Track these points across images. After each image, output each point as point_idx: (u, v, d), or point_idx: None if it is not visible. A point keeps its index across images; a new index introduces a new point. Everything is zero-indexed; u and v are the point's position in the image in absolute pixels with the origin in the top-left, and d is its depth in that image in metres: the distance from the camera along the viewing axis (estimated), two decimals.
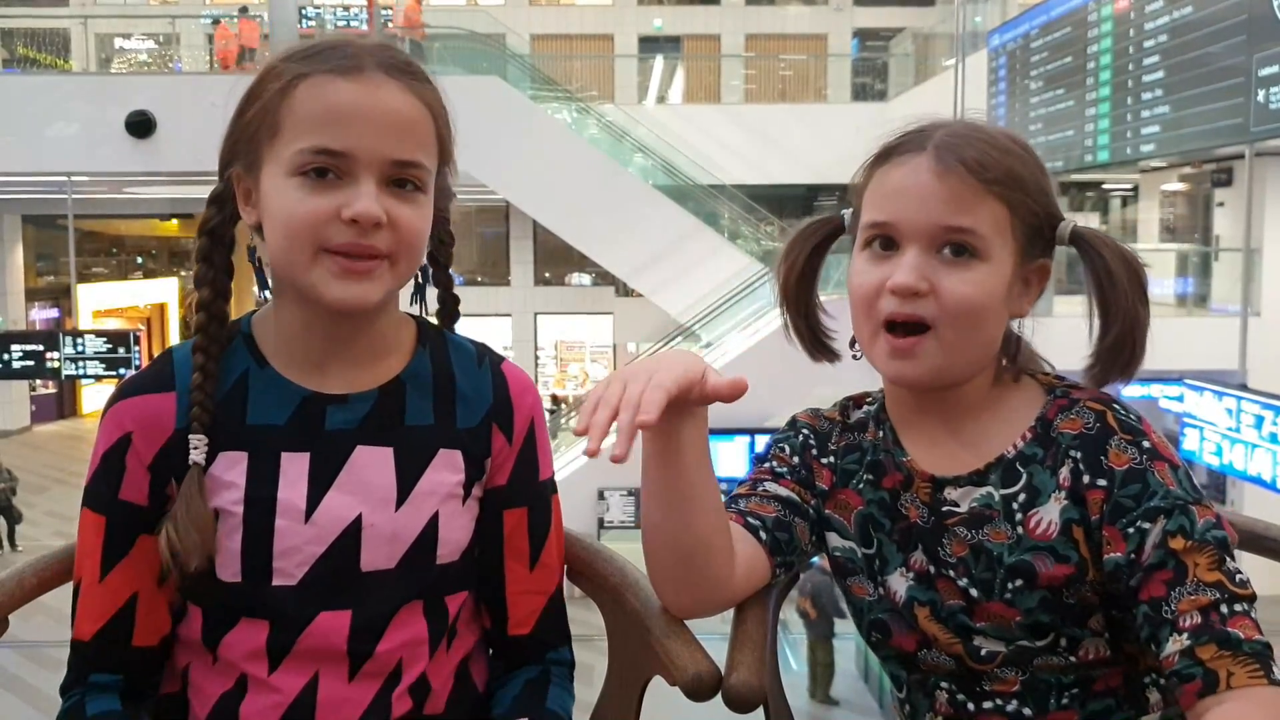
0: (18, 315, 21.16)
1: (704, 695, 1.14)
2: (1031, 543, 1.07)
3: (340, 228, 1.03)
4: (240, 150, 1.08)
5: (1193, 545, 1.00)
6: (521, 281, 21.21)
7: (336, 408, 1.11)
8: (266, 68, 1.07)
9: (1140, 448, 1.05)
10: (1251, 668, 0.95)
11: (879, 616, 1.16)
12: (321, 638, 1.08)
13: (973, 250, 1.06)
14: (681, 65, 22.41)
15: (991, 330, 1.10)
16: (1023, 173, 1.08)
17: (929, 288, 1.06)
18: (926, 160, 1.07)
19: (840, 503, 1.21)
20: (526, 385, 1.20)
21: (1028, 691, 1.10)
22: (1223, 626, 0.97)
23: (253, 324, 1.14)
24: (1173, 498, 1.02)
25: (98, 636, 1.11)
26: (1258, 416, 8.06)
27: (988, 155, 1.06)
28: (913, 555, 1.14)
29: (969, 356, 1.10)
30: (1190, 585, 0.99)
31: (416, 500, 1.11)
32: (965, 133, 1.08)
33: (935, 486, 1.14)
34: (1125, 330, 1.09)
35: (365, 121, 1.03)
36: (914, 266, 1.06)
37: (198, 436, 1.07)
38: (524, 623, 1.19)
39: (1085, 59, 10.57)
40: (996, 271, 1.07)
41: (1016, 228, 1.08)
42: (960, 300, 1.06)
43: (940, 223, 1.06)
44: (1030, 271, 1.12)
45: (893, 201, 1.08)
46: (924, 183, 1.06)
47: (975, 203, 1.05)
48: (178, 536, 1.05)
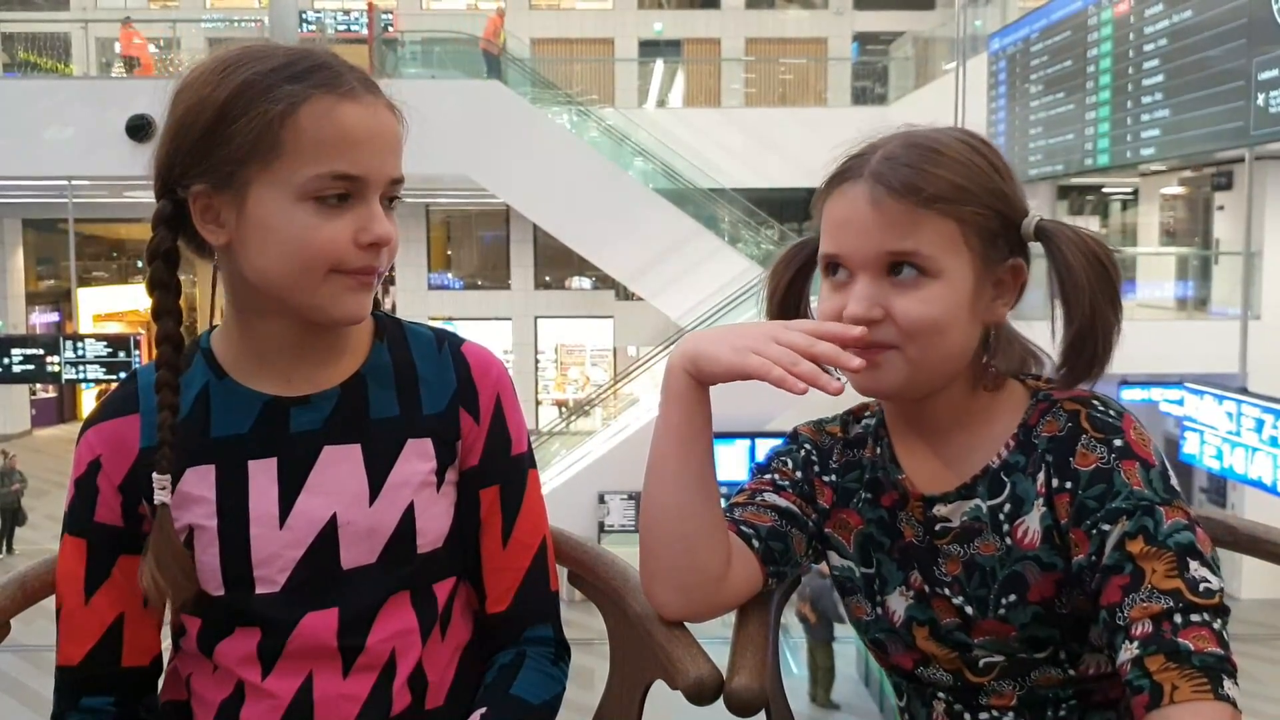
0: (18, 319, 21.18)
1: (706, 699, 1.13)
2: (1020, 553, 1.06)
3: (354, 251, 1.03)
4: (208, 168, 1.02)
5: (1151, 550, 0.97)
6: (521, 285, 21.21)
7: (300, 409, 1.10)
8: (242, 83, 1.01)
9: (1110, 446, 1.03)
10: (1198, 681, 0.91)
11: (876, 636, 1.16)
12: (311, 637, 1.08)
13: (921, 270, 1.04)
14: (682, 69, 22.42)
15: (958, 342, 1.07)
16: (965, 182, 1.05)
17: (882, 313, 1.05)
18: (862, 188, 1.05)
19: (840, 521, 1.20)
20: (489, 363, 1.19)
21: (1024, 706, 1.09)
22: (1173, 637, 0.93)
23: (211, 339, 1.14)
24: (1136, 498, 0.99)
25: (87, 659, 1.11)
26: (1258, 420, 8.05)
27: (923, 174, 1.04)
28: (911, 574, 1.14)
29: (937, 369, 1.08)
30: (1144, 592, 0.96)
31: (389, 493, 1.11)
32: (900, 153, 1.06)
33: (926, 505, 1.13)
34: (1086, 327, 1.06)
35: (372, 144, 1.03)
36: (864, 296, 1.05)
37: (162, 477, 1.06)
38: (500, 600, 1.18)
39: (1085, 63, 10.58)
40: (952, 286, 1.05)
41: (969, 238, 1.05)
42: (916, 321, 1.04)
43: (882, 249, 1.04)
44: (1002, 274, 1.09)
45: (838, 233, 1.07)
46: (861, 212, 1.05)
47: (915, 225, 1.03)
48: (159, 574, 1.05)
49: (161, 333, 1.07)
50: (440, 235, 22.07)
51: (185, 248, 1.09)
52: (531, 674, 1.17)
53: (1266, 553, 1.29)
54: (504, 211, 19.13)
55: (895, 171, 1.04)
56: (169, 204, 1.06)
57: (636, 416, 14.09)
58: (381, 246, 1.05)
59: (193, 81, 1.04)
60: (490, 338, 18.32)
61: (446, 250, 22.51)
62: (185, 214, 1.06)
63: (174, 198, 1.06)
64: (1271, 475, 7.89)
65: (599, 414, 16.53)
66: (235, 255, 1.05)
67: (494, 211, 19.81)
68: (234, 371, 1.11)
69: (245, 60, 1.03)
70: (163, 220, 1.06)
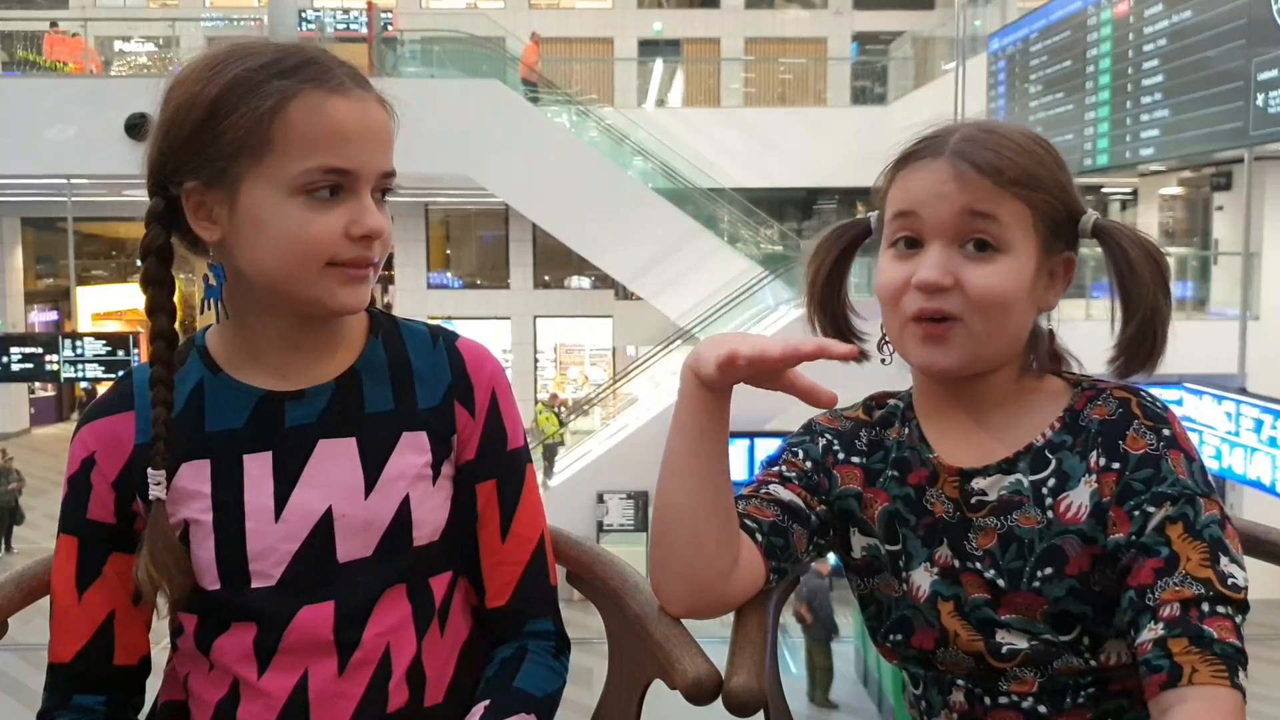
0: (17, 318, 21.17)
1: (705, 699, 1.13)
2: (1061, 527, 1.08)
3: (347, 244, 1.04)
4: (200, 165, 1.03)
5: (1190, 538, 1.01)
6: (521, 285, 21.21)
7: (294, 404, 1.10)
8: (232, 79, 1.02)
9: (1159, 435, 1.07)
10: (1217, 668, 0.95)
11: (902, 614, 1.16)
12: (307, 631, 1.08)
13: (995, 244, 1.08)
14: (681, 68, 22.42)
15: (1018, 321, 1.11)
16: (1039, 171, 1.10)
17: (953, 282, 1.08)
18: (944, 163, 1.09)
19: (866, 501, 1.21)
20: (484, 358, 1.19)
21: (1044, 691, 1.10)
22: (1199, 624, 0.97)
23: (206, 336, 1.14)
24: (1181, 486, 1.03)
25: (79, 656, 1.11)
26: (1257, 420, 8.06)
27: (1003, 157, 1.08)
28: (937, 550, 1.15)
29: (998, 346, 1.11)
30: (1178, 577, 1.00)
31: (385, 486, 1.11)
32: (980, 136, 1.10)
33: (963, 478, 1.14)
34: (1146, 321, 1.10)
35: (362, 138, 1.04)
36: (938, 263, 1.08)
37: (157, 473, 1.06)
38: (500, 594, 1.18)
39: (1085, 63, 10.58)
40: (1020, 264, 1.09)
41: (1038, 224, 1.10)
42: (986, 292, 1.08)
43: (966, 207, 1.08)
44: (1055, 264, 1.13)
45: (915, 200, 1.11)
46: (943, 182, 1.09)
47: (995, 203, 1.08)
48: (154, 568, 1.05)
49: (155, 329, 1.07)
50: (439, 235, 22.08)
51: (179, 244, 1.09)
52: (534, 667, 1.17)
53: (1267, 553, 1.29)
54: (503, 211, 19.13)
55: (978, 152, 1.08)
56: (161, 201, 1.06)
57: (635, 416, 14.09)
58: (374, 239, 1.05)
59: (183, 79, 1.04)
60: (489, 337, 18.31)
61: (445, 250, 22.51)
62: (178, 211, 1.06)
63: (166, 195, 1.06)
64: (1270, 475, 7.90)
65: (598, 414, 16.54)
66: (230, 251, 1.06)
67: (493, 211, 19.80)
68: (228, 367, 1.12)
69: (235, 57, 1.04)
70: (155, 217, 1.07)
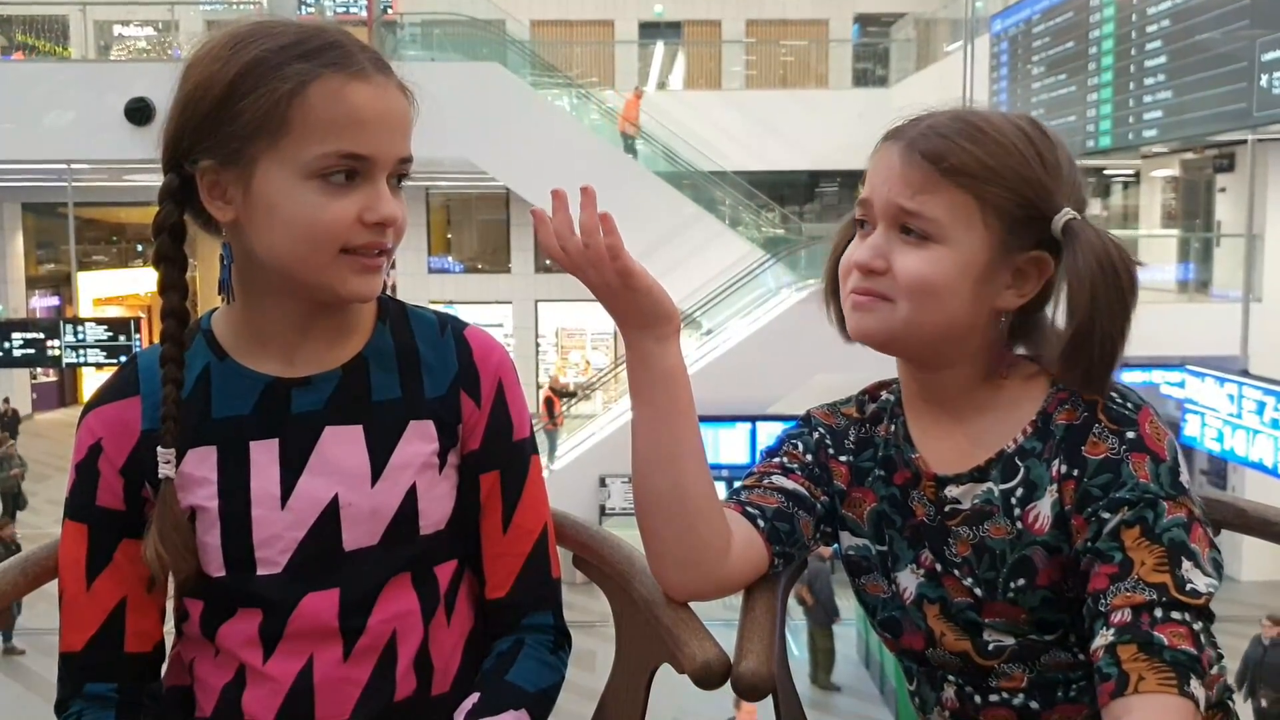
0: (18, 303, 21.15)
1: (713, 683, 1.13)
2: (1031, 538, 1.07)
3: (361, 229, 1.03)
4: (216, 144, 1.02)
5: (1145, 542, 0.98)
6: (522, 269, 21.17)
7: (301, 390, 1.10)
8: (252, 59, 1.01)
9: (1122, 438, 1.03)
10: (1165, 675, 0.92)
11: (891, 615, 1.16)
12: (312, 618, 1.08)
13: (921, 233, 1.07)
14: (682, 51, 22.32)
15: (951, 312, 1.08)
16: (995, 163, 1.06)
17: (885, 265, 1.08)
18: (898, 147, 1.09)
19: (854, 500, 1.21)
20: (491, 347, 1.19)
21: (1034, 687, 1.09)
22: (1149, 630, 0.94)
23: (212, 320, 1.13)
24: (1140, 490, 1.00)
25: (90, 645, 1.11)
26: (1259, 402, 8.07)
27: (951, 146, 1.06)
28: (922, 552, 1.14)
29: (927, 333, 1.09)
30: (1130, 582, 0.97)
31: (392, 474, 1.10)
32: (943, 124, 1.08)
33: (939, 485, 1.13)
34: (1082, 333, 1.05)
35: (381, 124, 1.03)
36: (873, 245, 1.09)
37: (166, 451, 1.06)
38: (500, 586, 1.18)
39: (1087, 44, 10.54)
40: (956, 256, 1.06)
41: (988, 216, 1.06)
42: (911, 276, 1.07)
43: (894, 203, 1.08)
44: (1020, 263, 1.09)
45: (870, 182, 1.12)
46: (890, 168, 1.09)
47: (933, 190, 1.06)
48: (163, 548, 1.05)
49: (167, 306, 1.07)
50: (440, 219, 22.02)
51: (193, 223, 1.09)
52: (528, 661, 1.16)
53: (1275, 535, 1.29)
54: (504, 195, 19.09)
55: (929, 139, 1.07)
56: (176, 178, 1.05)
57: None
58: (388, 226, 1.04)
59: (203, 56, 1.03)
60: (490, 321, 18.30)
61: (447, 234, 22.46)
62: (193, 189, 1.05)
63: (181, 172, 1.05)
64: (1272, 457, 7.91)
65: (599, 398, 16.54)
66: (242, 232, 1.05)
67: (494, 195, 19.75)
68: (235, 352, 1.11)
69: (256, 36, 1.02)
70: (170, 195, 1.06)
